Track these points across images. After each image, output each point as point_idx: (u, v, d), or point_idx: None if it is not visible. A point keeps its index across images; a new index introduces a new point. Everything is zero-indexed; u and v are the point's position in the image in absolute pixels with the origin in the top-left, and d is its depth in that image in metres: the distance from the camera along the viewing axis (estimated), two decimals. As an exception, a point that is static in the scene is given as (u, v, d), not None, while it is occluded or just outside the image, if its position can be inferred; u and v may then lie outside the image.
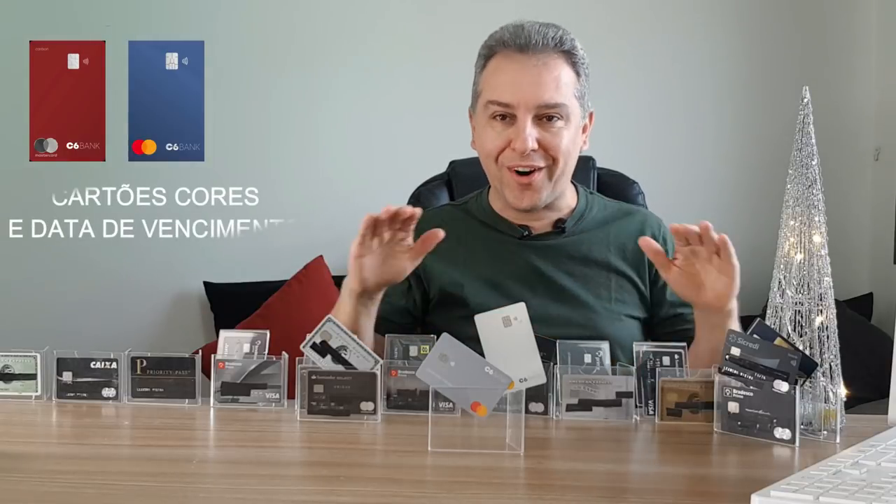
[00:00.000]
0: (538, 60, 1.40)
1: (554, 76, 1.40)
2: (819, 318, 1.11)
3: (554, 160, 1.42)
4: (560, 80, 1.41)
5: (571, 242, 1.50)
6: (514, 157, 1.41)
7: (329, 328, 1.17)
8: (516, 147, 1.40)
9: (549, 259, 1.48)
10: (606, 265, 1.49)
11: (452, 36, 3.08)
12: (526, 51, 1.40)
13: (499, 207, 1.54)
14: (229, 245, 3.10)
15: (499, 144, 1.42)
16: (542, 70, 1.40)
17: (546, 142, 1.41)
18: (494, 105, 1.42)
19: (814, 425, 1.08)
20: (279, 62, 3.16)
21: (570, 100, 1.42)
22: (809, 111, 1.12)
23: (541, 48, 1.40)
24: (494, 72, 1.44)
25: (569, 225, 1.51)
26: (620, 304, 1.47)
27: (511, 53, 1.42)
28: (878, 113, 3.27)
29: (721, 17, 3.29)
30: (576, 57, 1.43)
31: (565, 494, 0.87)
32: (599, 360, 1.21)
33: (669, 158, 3.22)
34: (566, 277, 1.47)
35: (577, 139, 1.46)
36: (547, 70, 1.40)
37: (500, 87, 1.42)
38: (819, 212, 1.11)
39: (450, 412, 1.15)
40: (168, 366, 1.26)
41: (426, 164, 1.97)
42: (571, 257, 1.49)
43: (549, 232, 1.51)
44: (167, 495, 0.86)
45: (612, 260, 1.49)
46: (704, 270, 1.27)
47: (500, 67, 1.43)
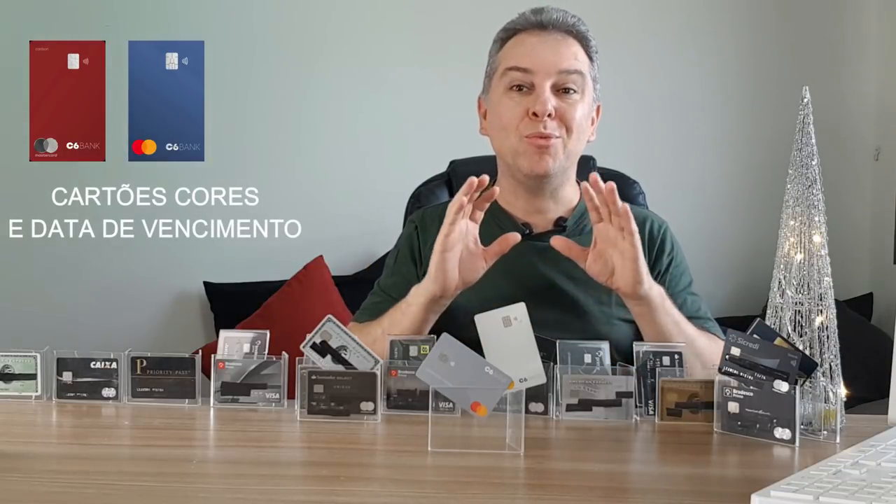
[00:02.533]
0: (558, 35, 1.45)
1: (572, 51, 1.45)
2: (819, 318, 1.11)
3: (568, 130, 1.44)
4: (577, 55, 1.45)
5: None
6: (532, 125, 1.42)
7: (329, 328, 1.17)
8: (536, 110, 1.41)
9: (550, 261, 1.47)
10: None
11: (453, 36, 3.09)
12: (546, 27, 1.45)
13: (503, 201, 1.53)
14: (229, 245, 3.10)
15: (518, 112, 1.44)
16: (561, 43, 1.45)
17: (562, 111, 1.43)
18: (514, 71, 1.44)
19: (814, 425, 1.08)
20: (279, 62, 3.16)
21: (587, 73, 1.45)
22: (809, 111, 1.12)
23: (559, 25, 1.46)
24: (514, 46, 1.47)
25: (570, 223, 1.51)
26: (620, 308, 1.45)
27: (531, 29, 1.46)
28: (878, 113, 3.27)
29: (721, 17, 3.29)
30: (590, 43, 1.48)
31: (565, 494, 0.87)
32: (599, 360, 1.21)
33: (670, 158, 3.23)
34: (567, 281, 1.46)
35: (587, 121, 1.47)
36: (565, 44, 1.45)
37: (519, 55, 1.45)
38: (819, 212, 1.11)
39: (450, 412, 1.15)
40: (168, 366, 1.26)
41: (426, 163, 1.97)
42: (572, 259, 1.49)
43: (550, 231, 1.50)
44: (167, 495, 0.86)
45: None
46: (613, 254, 1.29)
47: (520, 41, 1.47)
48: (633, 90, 3.19)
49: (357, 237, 3.14)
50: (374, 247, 3.03)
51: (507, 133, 1.46)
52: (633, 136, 3.12)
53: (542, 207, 1.51)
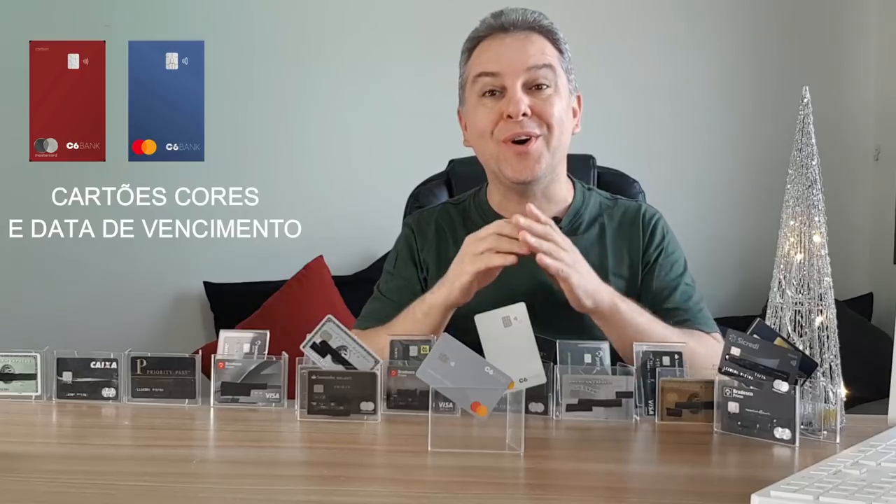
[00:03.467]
0: (521, 35, 1.44)
1: (538, 46, 1.44)
2: (819, 318, 1.11)
3: (549, 127, 1.42)
4: (545, 50, 1.44)
5: None
6: (509, 127, 1.42)
7: (329, 328, 1.17)
8: (510, 112, 1.40)
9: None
10: (602, 269, 1.46)
11: (452, 36, 3.06)
12: (508, 29, 1.45)
13: (496, 202, 1.52)
14: (229, 245, 3.10)
15: (492, 118, 1.43)
16: (525, 41, 1.44)
17: (538, 108, 1.42)
18: (483, 77, 1.44)
19: (814, 425, 1.08)
20: (279, 62, 3.16)
21: (557, 67, 1.44)
22: (809, 111, 1.12)
23: (520, 25, 1.45)
24: (480, 53, 1.47)
25: (564, 223, 1.49)
26: None
27: (493, 34, 1.46)
28: (878, 113, 3.28)
29: (722, 16, 3.29)
30: (555, 35, 1.47)
31: (565, 494, 0.87)
32: (599, 360, 1.21)
33: (670, 158, 3.23)
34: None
35: (568, 114, 1.46)
36: (530, 41, 1.44)
37: (485, 60, 1.45)
38: (819, 212, 1.11)
39: (450, 412, 1.15)
40: (168, 366, 1.26)
41: (426, 163, 1.97)
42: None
43: None
44: (167, 495, 0.86)
45: (608, 263, 1.48)
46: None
47: (485, 48, 1.46)
48: (633, 89, 3.19)
49: (357, 237, 3.14)
50: (374, 247, 3.03)
51: (485, 140, 1.45)
52: (632, 136, 3.13)
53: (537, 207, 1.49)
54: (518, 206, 1.47)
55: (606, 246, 1.50)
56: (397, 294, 1.50)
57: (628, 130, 3.10)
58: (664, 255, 1.51)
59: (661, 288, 1.48)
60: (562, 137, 1.45)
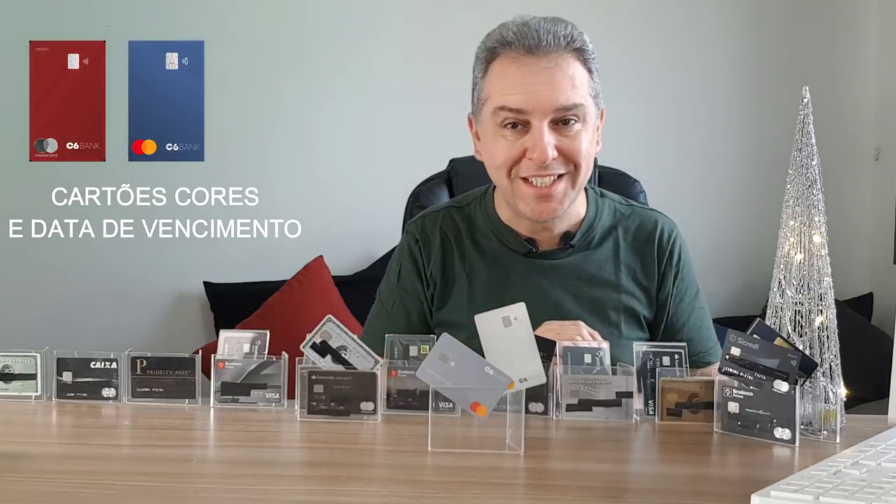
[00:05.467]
0: (549, 62, 1.29)
1: (568, 76, 1.30)
2: (819, 318, 1.11)
3: (576, 166, 1.33)
4: (575, 79, 1.30)
5: (579, 261, 1.43)
6: (531, 167, 1.31)
7: (329, 328, 1.17)
8: (534, 157, 1.29)
9: (556, 281, 1.42)
10: (615, 286, 1.42)
11: (452, 35, 3.08)
12: (535, 52, 1.29)
13: (506, 216, 1.44)
14: (229, 245, 3.10)
15: (513, 155, 1.32)
16: (555, 71, 1.29)
17: (565, 147, 1.31)
18: (505, 112, 1.31)
19: (814, 425, 1.08)
20: (279, 62, 3.16)
21: (587, 99, 1.32)
22: (809, 111, 1.12)
23: (552, 48, 1.29)
24: (501, 76, 1.32)
25: (577, 240, 1.43)
26: (628, 329, 1.42)
27: (518, 55, 1.30)
28: (878, 113, 3.28)
29: (721, 17, 3.30)
30: (587, 54, 1.33)
31: (565, 494, 0.87)
32: (599, 360, 1.21)
33: (670, 157, 3.23)
34: (572, 301, 1.41)
35: (593, 142, 1.37)
36: (560, 71, 1.29)
37: (509, 92, 1.30)
38: (819, 212, 1.11)
39: (450, 412, 1.15)
40: (168, 366, 1.26)
41: (426, 162, 1.97)
42: (579, 278, 1.42)
43: (556, 249, 1.43)
44: (167, 495, 0.86)
45: (622, 279, 1.43)
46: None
47: (506, 71, 1.31)
48: (634, 90, 3.19)
49: (357, 237, 3.14)
50: (374, 247, 3.03)
51: (501, 173, 1.35)
52: (633, 136, 3.12)
53: (548, 225, 1.41)
54: (530, 223, 1.41)
55: (620, 262, 1.44)
56: (402, 312, 1.45)
57: (629, 130, 3.10)
58: (680, 278, 1.46)
59: (675, 314, 1.45)
60: (587, 172, 1.36)
